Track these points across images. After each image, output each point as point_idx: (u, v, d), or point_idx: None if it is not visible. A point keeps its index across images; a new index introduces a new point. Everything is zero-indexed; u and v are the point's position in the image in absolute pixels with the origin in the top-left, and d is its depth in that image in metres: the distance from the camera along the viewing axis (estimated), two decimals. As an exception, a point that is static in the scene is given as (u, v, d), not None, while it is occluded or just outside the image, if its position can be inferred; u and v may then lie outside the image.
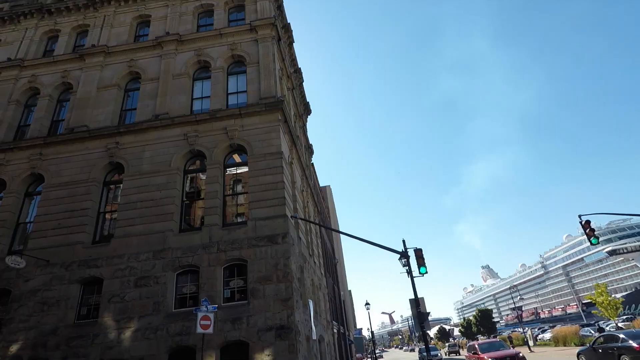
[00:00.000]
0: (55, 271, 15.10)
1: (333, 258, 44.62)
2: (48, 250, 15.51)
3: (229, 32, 20.56)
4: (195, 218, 16.69)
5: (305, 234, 21.35)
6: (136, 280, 14.49)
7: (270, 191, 15.73)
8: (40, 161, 18.09)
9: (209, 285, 14.20)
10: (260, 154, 16.57)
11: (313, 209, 29.31)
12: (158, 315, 13.78)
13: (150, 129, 17.92)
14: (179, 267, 14.75)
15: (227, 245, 14.84)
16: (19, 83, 21.45)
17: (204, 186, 16.91)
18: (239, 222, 16.02)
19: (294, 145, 20.63)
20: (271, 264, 14.32)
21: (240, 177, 17.32)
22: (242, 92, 19.09)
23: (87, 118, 19.20)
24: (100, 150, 17.94)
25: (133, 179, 16.82)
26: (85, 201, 16.70)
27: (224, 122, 17.52)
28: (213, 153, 16.95)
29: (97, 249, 15.53)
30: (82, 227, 16.07)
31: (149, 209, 15.98)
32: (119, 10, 23.36)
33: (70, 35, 23.42)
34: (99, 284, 14.93)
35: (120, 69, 20.75)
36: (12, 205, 17.35)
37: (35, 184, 18.24)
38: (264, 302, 13.69)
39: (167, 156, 17.17)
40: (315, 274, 23.55)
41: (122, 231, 15.65)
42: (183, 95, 19.15)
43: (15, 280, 15.14)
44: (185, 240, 15.21)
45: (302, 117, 30.75)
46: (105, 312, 14.10)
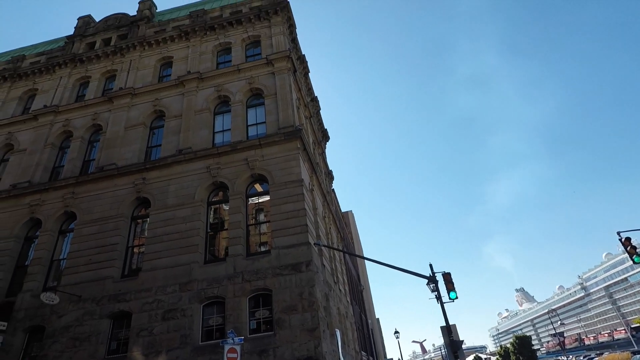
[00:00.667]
0: (86, 306, 15.43)
1: (359, 285, 43.66)
2: (80, 286, 15.93)
3: (246, 67, 21.45)
4: (219, 249, 16.86)
5: (329, 261, 21.12)
6: (164, 314, 14.60)
7: (292, 219, 15.80)
8: (73, 199, 18.93)
9: (235, 316, 14.12)
10: (281, 183, 16.79)
11: (336, 235, 29.09)
12: (185, 349, 13.73)
13: (175, 164, 18.55)
14: (205, 299, 14.80)
15: (252, 275, 14.84)
16: (54, 127, 22.85)
17: (227, 217, 17.17)
18: (262, 251, 16.06)
19: (314, 172, 20.83)
20: (296, 293, 14.16)
21: (262, 206, 17.52)
22: (262, 123, 19.65)
23: (116, 156, 20.11)
24: (128, 187, 18.64)
25: (159, 212, 17.30)
26: (115, 236, 17.22)
27: (245, 153, 17.97)
28: (235, 184, 17.30)
29: (125, 283, 15.83)
30: (111, 261, 16.50)
31: (174, 242, 16.29)
32: (144, 54, 24.85)
33: (100, 80, 24.97)
34: (128, 318, 15.12)
35: (145, 108, 21.84)
36: (47, 243, 18.07)
37: (68, 222, 19.01)
38: (290, 333, 13.45)
39: (191, 189, 17.64)
40: (342, 302, 23.05)
41: (149, 264, 15.96)
42: (205, 129, 19.86)
43: (49, 317, 15.54)
44: (211, 272, 15.32)
45: (321, 144, 31.15)
46: (134, 346, 14.18)
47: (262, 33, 23.44)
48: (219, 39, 23.98)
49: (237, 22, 24.13)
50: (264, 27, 23.64)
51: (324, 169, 31.07)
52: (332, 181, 35.20)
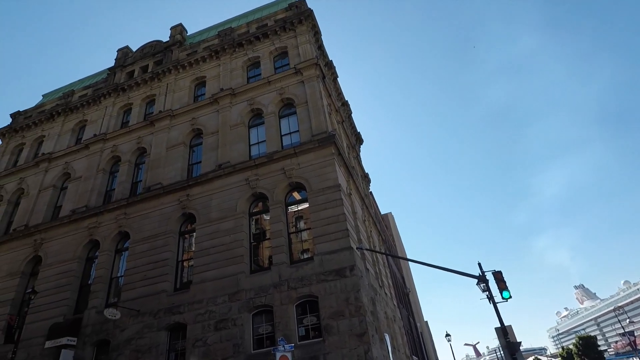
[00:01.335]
0: (145, 320, 16.29)
1: (404, 288, 42.78)
2: (138, 301, 16.85)
3: (276, 78, 21.92)
4: (263, 258, 17.21)
5: (372, 265, 20.92)
6: (216, 324, 15.09)
7: (332, 224, 15.85)
8: (126, 220, 20.13)
9: (284, 324, 14.32)
10: (318, 189, 16.92)
11: (377, 238, 28.78)
12: (238, 357, 14.09)
13: (215, 179, 19.24)
14: (253, 308, 15.14)
15: (297, 283, 15.00)
16: (104, 154, 24.49)
17: (268, 226, 17.52)
18: (305, 258, 16.21)
19: (350, 176, 20.80)
20: (342, 299, 14.14)
21: (302, 214, 17.72)
22: (295, 132, 19.95)
23: (161, 176, 21.19)
24: (174, 204, 19.54)
25: (204, 226, 17.97)
26: (165, 252, 18.09)
27: (281, 162, 18.31)
28: (274, 193, 17.64)
29: (178, 296, 16.55)
30: (164, 276, 17.33)
31: (220, 254, 16.84)
32: (179, 77, 26.10)
33: (141, 106, 26.50)
34: (183, 330, 15.78)
35: (184, 128, 22.88)
36: (105, 262, 19.34)
37: (123, 241, 20.22)
38: (339, 339, 13.43)
39: (232, 202, 18.20)
40: (388, 305, 22.70)
41: (199, 277, 16.59)
42: (241, 143, 20.47)
43: (113, 331, 16.56)
44: (257, 281, 15.67)
45: (355, 147, 31.07)
46: (191, 356, 14.74)
47: (289, 43, 23.89)
48: (248, 54, 24.72)
49: (264, 36, 24.77)
50: (290, 38, 24.09)
51: (360, 172, 30.93)
52: (369, 184, 34.94)
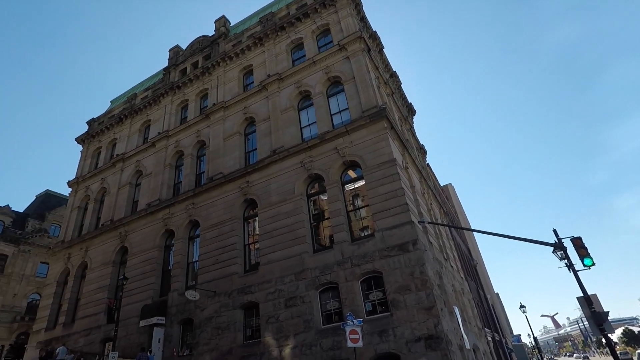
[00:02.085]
0: (221, 300, 17.59)
1: (471, 260, 41.34)
2: (213, 283, 18.20)
3: (320, 57, 21.67)
4: (324, 238, 17.56)
5: (435, 238, 20.42)
6: (285, 302, 15.84)
7: (391, 200, 15.63)
8: (194, 209, 21.59)
9: (350, 300, 14.62)
10: (373, 165, 16.70)
11: (438, 210, 27.93)
12: (310, 332, 14.72)
13: (271, 164, 19.79)
14: (319, 286, 15.61)
15: (359, 260, 15.14)
16: (169, 150, 26.25)
17: (326, 206, 17.76)
18: (366, 235, 16.26)
19: (405, 149, 20.23)
20: (407, 273, 14.04)
21: (359, 191, 17.67)
22: (345, 109, 19.73)
23: (221, 166, 22.28)
24: (235, 191, 20.52)
25: (265, 210, 18.70)
26: (232, 237, 19.18)
27: (333, 142, 18.28)
28: (329, 173, 17.75)
29: (249, 277, 17.58)
30: (234, 259, 18.46)
31: (283, 235, 17.47)
32: (227, 69, 26.84)
33: (196, 101, 27.80)
34: (256, 308, 16.80)
35: (237, 118, 23.67)
36: (181, 249, 21.05)
37: (194, 229, 21.78)
38: (407, 313, 13.42)
39: (289, 185, 18.65)
40: (455, 278, 22.14)
41: (265, 259, 17.43)
42: (292, 126, 20.73)
43: (194, 310, 18.13)
44: (320, 260, 16.08)
45: (408, 119, 30.02)
46: (265, 332, 15.71)
47: (330, 20, 23.36)
48: (290, 36, 24.64)
49: (304, 16, 24.46)
50: (331, 14, 23.52)
51: (415, 144, 29.93)
52: (426, 156, 33.75)
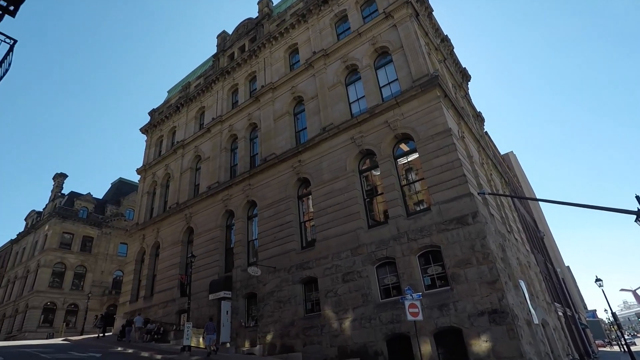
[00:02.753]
0: (281, 275, 18.37)
1: (537, 232, 38.86)
2: (272, 259, 19.02)
3: (366, 28, 20.90)
4: (379, 213, 17.44)
5: (497, 210, 19.41)
6: (343, 276, 16.14)
7: (447, 172, 15.02)
8: (250, 190, 22.47)
9: (408, 274, 14.52)
10: (427, 137, 16.06)
11: (499, 181, 26.39)
12: (368, 306, 14.94)
13: (322, 142, 19.82)
14: (376, 261, 15.66)
15: (416, 234, 14.88)
16: (223, 134, 27.32)
17: (379, 182, 17.53)
18: (422, 209, 15.87)
19: (460, 118, 19.16)
20: (467, 247, 13.56)
21: (412, 165, 17.18)
22: (394, 81, 19.02)
23: (273, 147, 22.78)
24: (288, 171, 20.94)
25: (318, 188, 18.92)
26: (288, 215, 19.75)
27: (384, 115, 17.81)
28: (381, 148, 17.41)
29: (306, 253, 18.10)
30: (291, 237, 19.06)
31: (337, 212, 17.63)
32: (273, 49, 26.94)
33: (245, 85, 28.40)
34: (314, 283, 17.33)
35: (286, 98, 23.85)
36: (241, 228, 22.15)
37: (252, 209, 22.74)
38: (468, 287, 13.05)
39: (341, 162, 18.62)
40: (520, 251, 21.01)
41: (321, 235, 17.77)
42: (341, 102, 20.47)
43: (257, 285, 19.18)
44: (375, 235, 16.05)
45: (462, 85, 28.27)
46: (325, 305, 16.21)
47: (374, -13, 22.29)
48: (334, 9, 23.98)
49: (348, -14, 23.57)
50: (375, -20, 22.40)
51: (471, 112, 28.22)
52: (483, 123, 31.74)
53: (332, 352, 15.19)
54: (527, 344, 12.35)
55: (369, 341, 14.38)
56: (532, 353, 12.56)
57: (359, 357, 14.38)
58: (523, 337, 12.18)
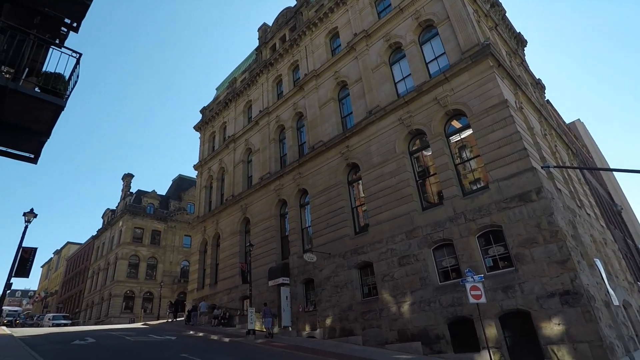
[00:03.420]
0: (336, 261, 18.61)
1: (613, 205, 35.42)
2: (327, 245, 19.29)
3: (408, 3, 19.98)
4: (432, 194, 16.90)
5: (564, 184, 17.95)
6: (399, 260, 15.97)
7: (505, 147, 14.10)
8: (301, 178, 22.83)
9: (467, 256, 14.00)
10: (481, 111, 15.15)
11: (565, 152, 24.31)
12: (427, 289, 14.67)
13: (368, 125, 19.51)
14: (432, 243, 15.27)
15: (474, 214, 14.24)
16: (271, 126, 27.90)
17: (431, 162, 16.94)
18: (479, 188, 15.12)
19: (517, 88, 17.80)
20: (531, 225, 12.73)
21: (466, 142, 16.35)
22: (441, 55, 18.08)
23: (320, 134, 22.85)
24: (337, 157, 20.94)
25: (368, 172, 18.73)
26: (340, 201, 19.84)
27: (432, 92, 17.06)
28: (431, 127, 16.75)
29: (360, 238, 18.12)
30: (344, 222, 19.16)
31: (389, 196, 17.36)
32: (314, 36, 26.77)
33: (289, 74, 28.62)
34: (370, 267, 17.34)
35: (329, 84, 23.70)
36: (294, 216, 22.68)
37: (304, 197, 23.13)
38: (535, 267, 12.30)
39: (390, 144, 18.22)
40: (594, 227, 19.33)
41: (374, 220, 17.66)
42: (386, 83, 19.92)
43: (313, 271, 19.61)
44: (430, 217, 15.61)
45: (517, 52, 26.15)
46: (382, 289, 16.19)
47: (415, -42, 21.13)
48: (373, -13, 23.16)
49: (386, -39, 22.62)
50: (415, -50, 21.23)
51: (530, 80, 26.10)
52: (544, 91, 29.24)
53: (392, 335, 15.20)
54: (606, 326, 11.43)
55: (430, 325, 14.17)
56: (614, 337, 11.61)
57: (419, 341, 14.26)
58: (602, 320, 11.29)
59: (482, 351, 12.45)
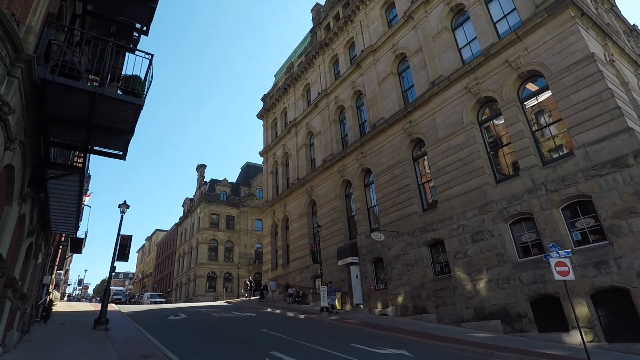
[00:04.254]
0: (405, 239, 18.34)
1: None
2: (394, 224, 19.07)
3: (470, -41, 18.29)
4: (507, 166, 15.72)
5: (669, 144, 15.50)
6: (472, 237, 15.25)
7: (593, 107, 12.51)
8: (364, 158, 22.65)
9: (550, 230, 12.89)
10: (561, 69, 13.55)
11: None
12: (505, 266, 13.87)
13: (432, 97, 18.57)
14: (508, 218, 14.30)
15: (557, 184, 12.98)
16: (330, 107, 27.88)
17: (503, 131, 15.70)
18: (561, 155, 13.70)
19: (607, 37, 15.55)
20: (628, 193, 11.28)
21: (544, 106, 14.81)
22: (511, 11, 16.38)
23: (381, 111, 22.32)
24: (400, 133, 20.33)
25: (434, 147, 17.95)
26: (405, 178, 19.36)
27: (502, 55, 15.63)
28: (502, 93, 15.43)
29: (428, 216, 17.60)
30: (410, 200, 18.72)
31: (458, 170, 16.51)
32: (368, 10, 25.85)
33: (345, 53, 28.15)
34: (440, 245, 16.82)
35: (387, 58, 22.87)
36: (359, 196, 22.70)
37: (367, 176, 22.98)
38: (634, 240, 10.96)
39: (456, 115, 17.21)
40: None
41: (442, 196, 16.99)
42: (449, 50, 18.68)
43: (382, 250, 19.58)
44: (505, 190, 14.59)
45: (604, -3, 22.76)
46: (455, 267, 15.66)
47: None
48: (429, -52, 21.55)
49: None
50: None
51: (622, 27, 22.65)
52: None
53: (467, 313, 14.73)
54: None
55: (510, 302, 13.44)
56: None
57: (499, 319, 13.63)
58: None
59: (572, 331, 11.55)
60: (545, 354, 9.77)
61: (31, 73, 5.72)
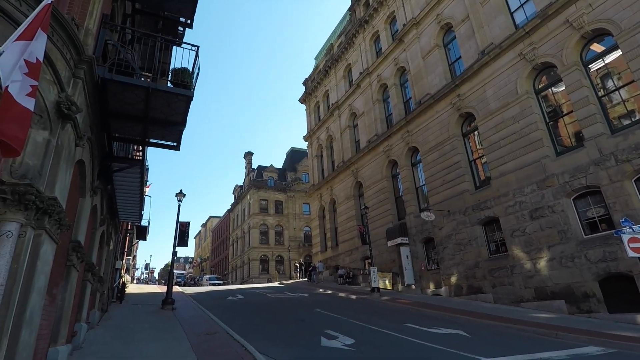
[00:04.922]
0: (457, 218, 17.75)
1: None
2: (444, 203, 18.49)
3: None
4: (568, 136, 14.49)
5: None
6: (530, 213, 14.39)
7: (673, 63, 11.07)
8: (410, 137, 22.01)
9: (621, 204, 11.79)
10: (634, 25, 12.06)
11: None
12: (568, 244, 12.97)
13: (481, 68, 17.46)
14: (572, 192, 13.27)
15: (629, 154, 11.77)
16: (373, 86, 27.25)
17: (564, 99, 14.43)
18: (634, 121, 12.34)
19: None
20: None
21: (612, 68, 13.35)
22: (571, -36, 14.76)
23: (426, 87, 21.43)
24: (447, 109, 19.44)
25: (486, 120, 16.97)
26: (455, 155, 18.59)
27: (562, 13, 14.22)
28: (562, 57, 14.11)
29: (481, 193, 16.84)
30: (461, 177, 17.99)
31: (513, 144, 15.53)
32: (409, -20, 24.59)
33: (386, 29, 27.17)
34: (495, 223, 16.07)
35: (431, 30, 21.75)
36: (407, 176, 22.21)
37: (414, 155, 22.37)
38: None
39: (509, 85, 16.07)
40: None
41: (496, 172, 16.12)
42: (500, 15, 17.35)
43: (432, 230, 19.12)
44: (568, 162, 13.50)
45: None
46: (512, 245, 14.92)
47: None
48: None
49: None
50: None
51: None
52: None
53: (527, 293, 14.05)
54: None
55: (575, 282, 12.60)
56: None
57: (562, 299, 12.86)
58: None
59: (649, 312, 10.62)
60: (617, 335, 9.08)
61: (92, 73, 6.15)
